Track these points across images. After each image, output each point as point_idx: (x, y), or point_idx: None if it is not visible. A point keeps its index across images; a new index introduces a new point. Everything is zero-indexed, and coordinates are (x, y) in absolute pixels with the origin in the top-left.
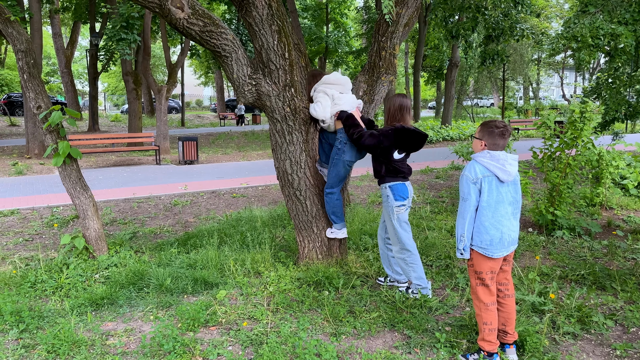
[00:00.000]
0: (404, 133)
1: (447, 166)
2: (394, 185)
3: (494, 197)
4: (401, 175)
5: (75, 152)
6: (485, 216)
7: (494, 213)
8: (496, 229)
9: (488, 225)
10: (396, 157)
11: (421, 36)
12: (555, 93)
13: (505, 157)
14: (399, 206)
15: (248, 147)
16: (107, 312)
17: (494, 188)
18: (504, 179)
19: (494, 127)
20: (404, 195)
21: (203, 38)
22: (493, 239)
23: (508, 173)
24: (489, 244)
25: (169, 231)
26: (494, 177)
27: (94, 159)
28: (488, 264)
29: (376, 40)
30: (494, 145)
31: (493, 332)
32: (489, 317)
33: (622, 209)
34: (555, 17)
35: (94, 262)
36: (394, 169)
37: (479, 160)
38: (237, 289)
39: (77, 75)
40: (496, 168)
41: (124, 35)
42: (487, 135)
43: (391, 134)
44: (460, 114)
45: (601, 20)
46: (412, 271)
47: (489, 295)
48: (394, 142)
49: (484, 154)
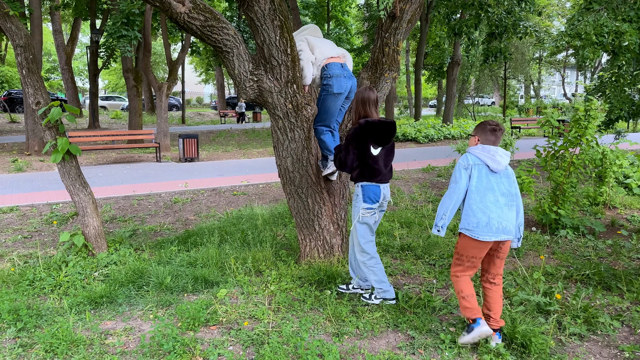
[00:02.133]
0: (369, 127)
1: (448, 164)
2: (365, 185)
3: (483, 184)
4: (376, 178)
5: (74, 148)
6: (473, 200)
7: (482, 198)
8: (483, 213)
9: (475, 209)
10: (374, 152)
11: (423, 34)
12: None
13: (496, 150)
14: (367, 209)
15: (249, 144)
16: (106, 311)
17: (483, 175)
18: (493, 168)
19: (486, 125)
20: (374, 199)
21: (204, 33)
22: (479, 222)
23: (497, 162)
24: (475, 226)
25: (169, 229)
26: (485, 165)
27: (94, 156)
28: (473, 248)
29: (379, 37)
30: (485, 139)
31: (469, 298)
32: (461, 286)
33: (626, 208)
34: (557, 16)
35: (93, 259)
36: (369, 170)
37: (472, 151)
38: (238, 288)
39: (77, 72)
40: (486, 157)
41: (125, 32)
42: (481, 132)
43: (357, 134)
44: (461, 112)
45: (605, 17)
46: (373, 274)
47: (462, 270)
48: (364, 138)
49: (477, 147)
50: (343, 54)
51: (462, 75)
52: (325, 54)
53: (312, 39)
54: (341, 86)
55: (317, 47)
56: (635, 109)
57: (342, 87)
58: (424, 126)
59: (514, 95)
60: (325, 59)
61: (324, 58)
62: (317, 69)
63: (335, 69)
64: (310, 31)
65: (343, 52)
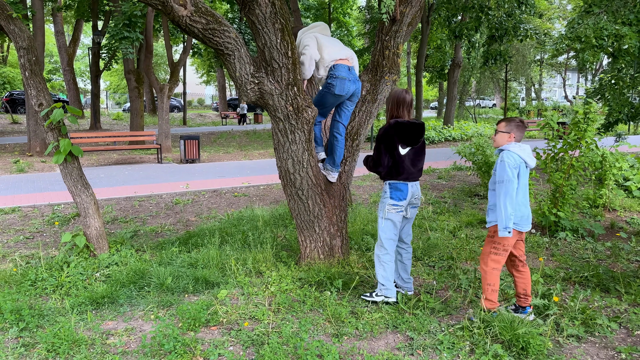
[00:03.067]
0: (398, 127)
1: (449, 167)
2: (393, 183)
3: (523, 181)
4: (402, 176)
5: (76, 149)
6: (519, 196)
7: (524, 194)
8: (525, 207)
9: (520, 204)
10: (402, 152)
11: (424, 36)
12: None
13: (528, 147)
14: (393, 205)
15: (250, 146)
16: (108, 311)
17: (522, 173)
18: (530, 165)
19: (520, 122)
20: (400, 196)
21: (206, 36)
22: (524, 215)
23: (533, 160)
24: (520, 219)
25: (170, 230)
26: (524, 163)
27: (95, 157)
28: (512, 239)
29: (380, 40)
30: (520, 137)
31: (495, 292)
32: (492, 278)
33: (625, 211)
34: (558, 18)
35: (94, 260)
36: (396, 168)
37: (512, 149)
38: (239, 289)
39: (79, 74)
40: (526, 155)
41: (127, 34)
42: (515, 129)
43: (387, 133)
44: (462, 114)
45: (605, 20)
46: (382, 270)
47: (497, 262)
48: (392, 137)
49: (513, 145)
50: (351, 56)
51: (463, 77)
52: (333, 56)
53: (321, 38)
54: (343, 89)
55: (326, 47)
56: (634, 112)
57: (344, 90)
58: None
59: (515, 98)
60: (333, 60)
61: (332, 59)
62: (324, 70)
63: (342, 71)
64: (320, 29)
65: (351, 54)
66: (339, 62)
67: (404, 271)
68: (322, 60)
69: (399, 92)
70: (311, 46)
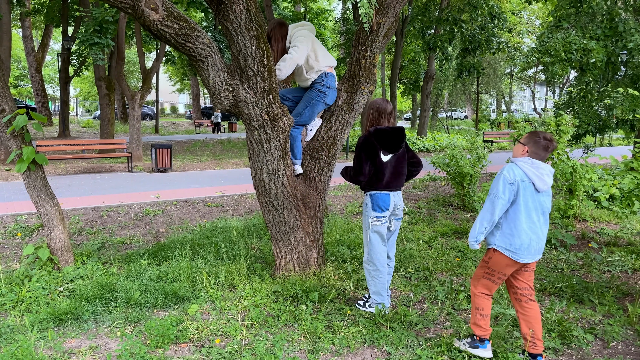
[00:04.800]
0: (378, 134)
1: (423, 177)
2: (374, 194)
3: (529, 204)
4: (383, 186)
5: (40, 158)
6: (519, 220)
7: (527, 219)
8: (526, 235)
9: (520, 230)
10: (384, 159)
11: (398, 48)
12: (526, 106)
13: (545, 168)
14: (376, 217)
15: (224, 155)
16: (71, 328)
17: (529, 195)
18: (539, 188)
19: (541, 138)
20: (383, 207)
21: (178, 41)
22: (523, 244)
23: (544, 182)
24: (519, 248)
25: (140, 241)
26: (531, 184)
27: (63, 165)
28: (508, 267)
29: (356, 49)
30: (535, 154)
31: (485, 318)
32: (482, 303)
33: (595, 221)
34: (527, 33)
35: (58, 274)
36: (378, 176)
37: (520, 164)
38: (210, 303)
39: (48, 80)
40: (535, 175)
41: (97, 40)
42: (533, 144)
43: (366, 142)
44: (435, 125)
45: (574, 35)
46: (373, 285)
47: (487, 289)
48: (373, 145)
49: (526, 160)
50: (335, 64)
51: (436, 89)
52: (327, 62)
53: (317, 43)
54: (332, 99)
55: (320, 53)
56: (601, 124)
57: (332, 100)
58: None
59: (485, 110)
60: (327, 66)
61: (326, 65)
62: (315, 74)
63: (333, 82)
64: (310, 29)
65: (335, 62)
66: (330, 70)
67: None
68: (317, 64)
69: (379, 101)
70: (302, 50)
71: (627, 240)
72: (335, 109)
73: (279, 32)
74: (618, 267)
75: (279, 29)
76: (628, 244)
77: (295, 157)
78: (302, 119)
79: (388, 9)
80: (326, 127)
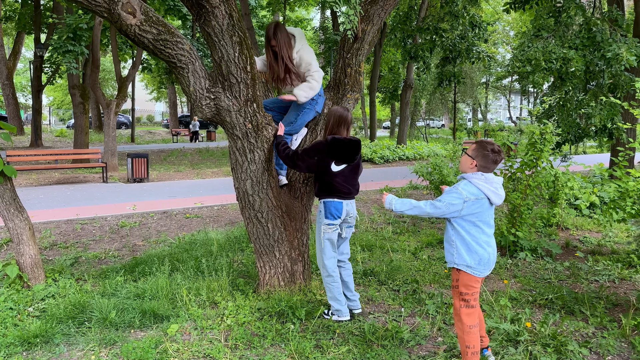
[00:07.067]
0: (335, 144)
1: (405, 185)
2: (327, 201)
3: (485, 219)
4: (337, 194)
5: (9, 169)
6: (474, 236)
7: (482, 234)
8: (484, 249)
9: (476, 245)
10: (334, 169)
11: (377, 58)
12: (502, 115)
13: (497, 181)
14: (328, 225)
15: (202, 164)
16: (41, 353)
17: (484, 210)
18: (495, 202)
19: (489, 152)
20: (335, 214)
21: (157, 47)
22: (482, 258)
23: (499, 197)
24: (477, 263)
25: (115, 256)
26: (486, 199)
27: (35, 176)
28: (475, 282)
29: (341, 57)
30: (485, 168)
31: (475, 355)
32: (471, 340)
33: (578, 229)
34: (502, 43)
35: (28, 292)
36: (330, 185)
37: (474, 181)
38: (191, 322)
39: (19, 88)
40: (490, 191)
41: (71, 47)
42: (481, 158)
43: (322, 149)
44: (413, 134)
45: (553, 44)
46: (329, 291)
47: (472, 317)
48: (328, 154)
49: (478, 176)
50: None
51: (415, 98)
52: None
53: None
54: (321, 107)
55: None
56: (580, 133)
57: (321, 107)
58: (379, 147)
59: (462, 119)
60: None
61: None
62: None
63: (321, 89)
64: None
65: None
66: None
67: (347, 289)
68: None
69: (340, 110)
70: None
71: (609, 248)
72: (321, 118)
73: (286, 36)
74: (605, 276)
75: (286, 34)
76: (612, 252)
77: (280, 167)
78: (295, 127)
79: (373, 17)
80: (312, 136)
